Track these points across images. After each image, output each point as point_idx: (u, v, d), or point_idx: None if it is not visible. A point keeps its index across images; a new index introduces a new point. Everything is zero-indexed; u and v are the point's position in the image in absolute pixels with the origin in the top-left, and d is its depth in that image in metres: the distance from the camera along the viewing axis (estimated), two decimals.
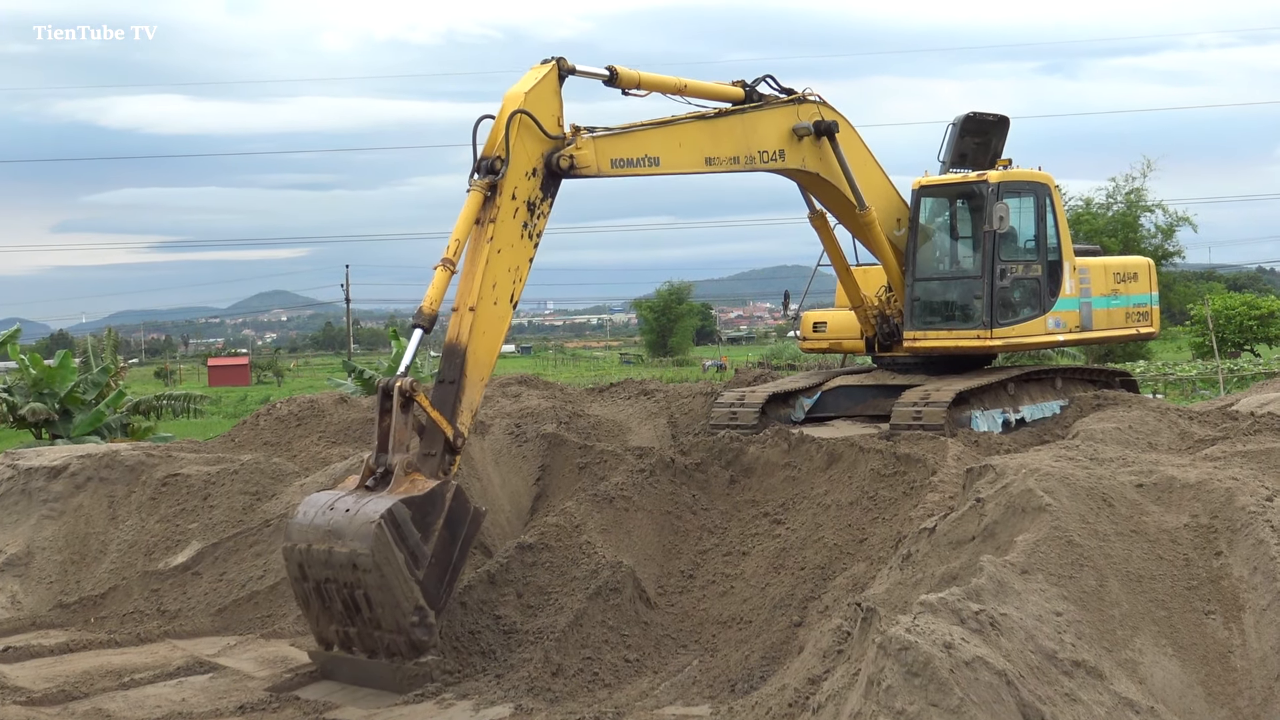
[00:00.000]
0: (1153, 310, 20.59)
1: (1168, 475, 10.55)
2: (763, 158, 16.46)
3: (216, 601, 15.57)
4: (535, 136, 13.66)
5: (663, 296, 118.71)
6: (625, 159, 14.70)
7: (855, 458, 14.55)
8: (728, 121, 16.07)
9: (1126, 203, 62.59)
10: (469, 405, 13.23)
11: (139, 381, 78.07)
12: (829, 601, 12.24)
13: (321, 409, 20.83)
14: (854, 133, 17.81)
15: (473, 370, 13.24)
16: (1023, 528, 9.66)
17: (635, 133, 14.96)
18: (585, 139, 14.17)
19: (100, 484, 17.40)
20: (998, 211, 17.61)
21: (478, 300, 13.27)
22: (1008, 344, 18.27)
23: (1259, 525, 9.65)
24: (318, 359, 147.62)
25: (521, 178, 13.58)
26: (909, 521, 12.60)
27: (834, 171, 17.31)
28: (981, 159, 19.29)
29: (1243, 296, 68.90)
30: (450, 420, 12.99)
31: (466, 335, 13.24)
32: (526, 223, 13.68)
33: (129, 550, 16.51)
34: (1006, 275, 18.00)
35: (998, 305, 17.93)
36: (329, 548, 12.25)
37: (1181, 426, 16.03)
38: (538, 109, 13.68)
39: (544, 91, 13.81)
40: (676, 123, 15.47)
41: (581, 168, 14.00)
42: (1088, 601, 9.06)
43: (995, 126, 19.60)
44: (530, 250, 13.80)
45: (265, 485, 17.19)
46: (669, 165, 15.26)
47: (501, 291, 13.53)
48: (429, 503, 12.36)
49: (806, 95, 17.01)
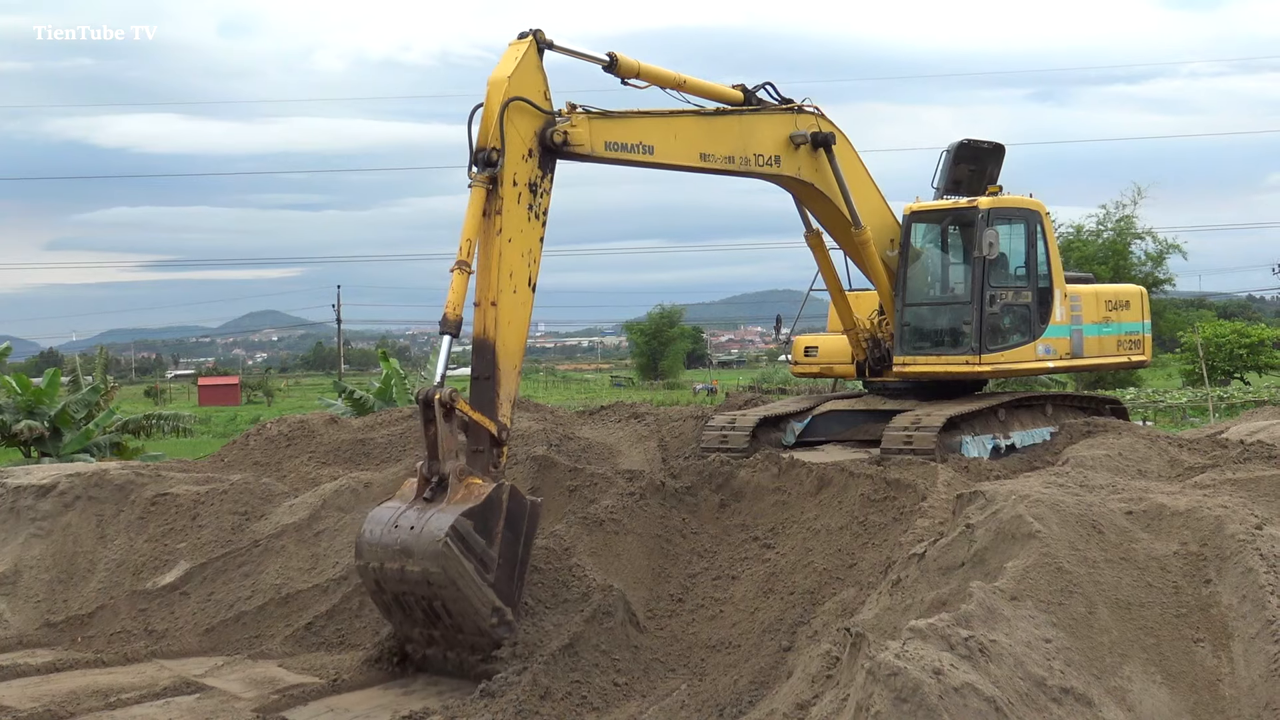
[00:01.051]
0: (1145, 338, 20.63)
1: (1157, 503, 10.56)
2: (758, 161, 16.42)
3: (204, 622, 15.52)
4: (527, 117, 13.60)
5: (654, 319, 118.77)
6: (620, 143, 14.64)
7: (845, 482, 14.55)
8: (725, 121, 16.05)
9: (1117, 230, 62.74)
10: (507, 396, 13.48)
11: (129, 400, 77.93)
12: (818, 626, 12.21)
13: (312, 429, 20.80)
14: (852, 150, 17.81)
15: (505, 361, 13.47)
16: (1012, 554, 9.67)
17: (633, 118, 14.92)
18: (581, 117, 14.14)
19: (89, 503, 17.35)
20: (987, 238, 17.64)
21: (498, 293, 13.41)
22: (996, 370, 18.26)
23: (1248, 553, 9.67)
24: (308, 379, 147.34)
25: (519, 162, 13.54)
26: (899, 547, 12.59)
27: (829, 185, 17.31)
28: (976, 186, 19.32)
29: (1233, 324, 69.10)
30: (492, 416, 13.28)
31: (493, 329, 13.42)
32: (531, 204, 13.71)
33: (117, 569, 16.46)
34: (996, 301, 18.02)
35: (987, 331, 17.93)
36: (401, 566, 12.65)
37: (1171, 454, 16.05)
38: (524, 89, 13.58)
39: (527, 70, 13.66)
40: (674, 114, 15.47)
41: (575, 145, 13.96)
42: (1077, 628, 9.06)
43: (990, 154, 19.64)
44: (539, 230, 13.85)
45: (254, 505, 17.15)
46: (663, 155, 15.22)
47: (519, 278, 13.64)
48: (488, 509, 12.70)
49: (805, 106, 17.05)
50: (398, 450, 19.48)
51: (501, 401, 13.39)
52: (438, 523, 12.48)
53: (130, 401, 77.43)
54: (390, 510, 13.10)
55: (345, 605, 15.16)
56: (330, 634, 14.93)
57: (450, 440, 12.98)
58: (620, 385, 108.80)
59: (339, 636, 14.88)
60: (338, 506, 16.69)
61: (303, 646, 14.76)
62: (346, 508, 16.64)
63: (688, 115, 15.64)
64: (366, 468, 18.74)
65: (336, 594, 15.34)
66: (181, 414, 40.28)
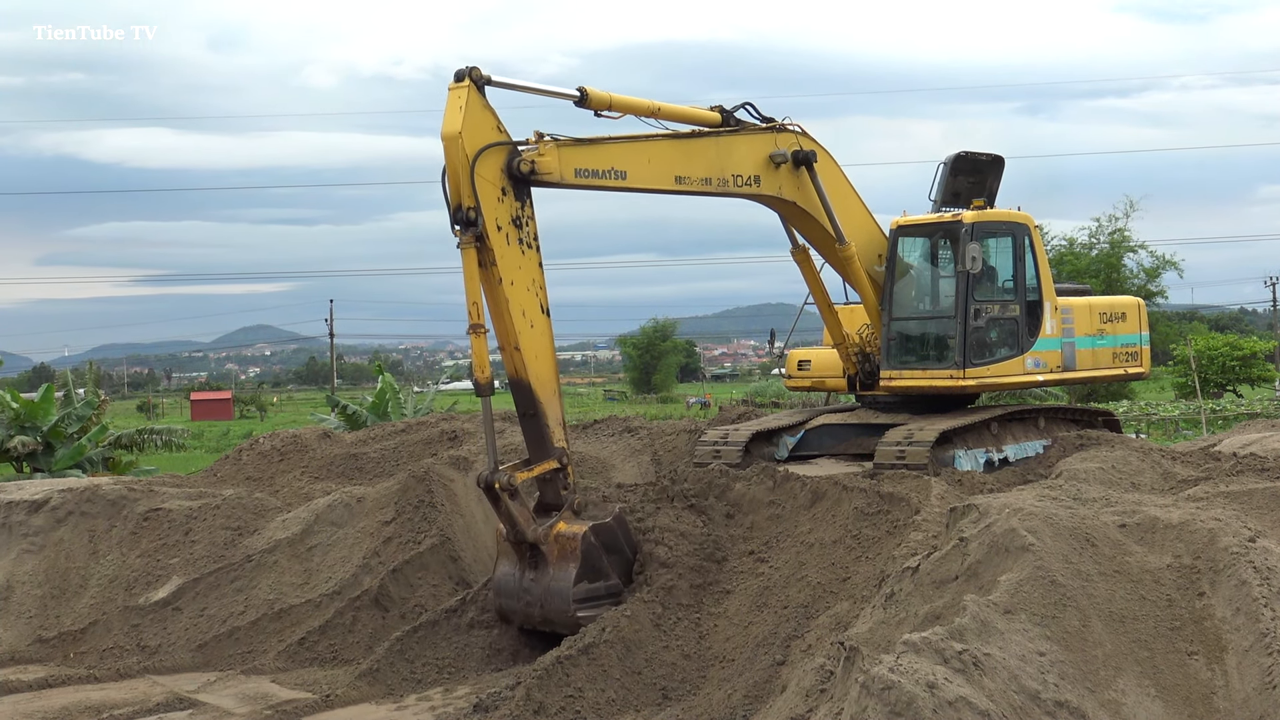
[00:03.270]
0: (1143, 350, 20.54)
1: (1151, 516, 10.56)
2: (736, 182, 16.36)
3: (197, 637, 15.49)
4: (490, 159, 13.62)
5: (647, 333, 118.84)
6: (590, 169, 14.62)
7: (839, 496, 14.54)
8: (701, 143, 15.96)
9: (1110, 243, 62.81)
10: (556, 422, 14.18)
11: (121, 415, 77.86)
12: (812, 640, 12.20)
13: (304, 444, 20.79)
14: (835, 166, 17.79)
15: (543, 392, 14.04)
16: (1006, 567, 9.66)
17: (603, 145, 14.87)
18: (549, 145, 14.15)
19: (81, 518, 17.32)
20: (970, 252, 17.59)
21: (517, 335, 13.78)
22: (981, 384, 18.19)
23: (1241, 566, 9.66)
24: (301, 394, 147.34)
25: (495, 205, 13.62)
26: (892, 560, 12.58)
27: (812, 202, 17.28)
28: (977, 197, 19.32)
29: (1225, 337, 69.22)
30: (547, 450, 14.07)
31: (523, 369, 13.89)
32: (520, 238, 13.85)
33: (109, 585, 16.43)
34: (981, 315, 17.96)
35: (971, 345, 17.87)
36: (542, 618, 14.15)
37: (1164, 467, 16.06)
38: (478, 137, 13.58)
39: (474, 115, 13.59)
40: (647, 139, 15.37)
41: (544, 173, 14.01)
42: (1071, 642, 9.05)
43: (990, 165, 19.59)
44: (536, 258, 14.04)
45: (247, 520, 17.13)
46: (636, 180, 15.17)
47: (532, 312, 13.96)
48: (592, 558, 13.94)
49: (786, 125, 17.02)
50: (390, 465, 19.47)
51: (552, 429, 14.09)
52: (560, 594, 13.86)
53: (123, 416, 77.37)
54: (509, 579, 14.31)
55: (338, 620, 15.14)
56: (323, 649, 14.92)
57: (523, 512, 13.89)
58: (613, 399, 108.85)
59: (332, 651, 14.87)
60: (330, 521, 16.67)
61: (295, 662, 14.74)
62: (339, 522, 16.63)
63: (662, 138, 15.52)
64: (359, 482, 18.72)
65: (329, 609, 15.32)
66: (174, 429, 40.22)
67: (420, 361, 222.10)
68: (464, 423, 21.35)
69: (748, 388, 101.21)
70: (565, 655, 12.59)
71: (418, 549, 15.77)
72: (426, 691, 13.52)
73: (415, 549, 15.78)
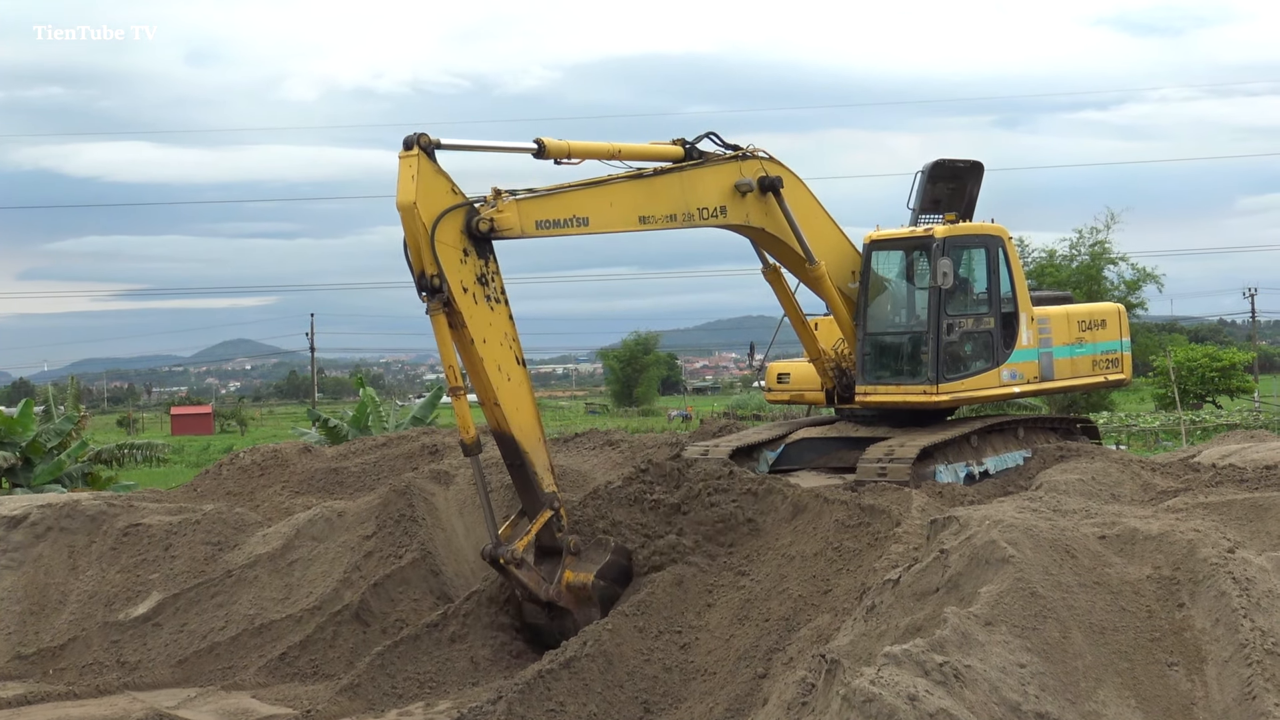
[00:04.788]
0: (1124, 357, 20.53)
1: (1130, 527, 10.60)
2: (703, 214, 16.32)
3: (177, 653, 15.43)
4: (448, 223, 13.59)
5: (629, 347, 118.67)
6: (552, 220, 14.58)
7: (820, 509, 14.54)
8: (664, 180, 15.90)
9: (1090, 255, 62.96)
10: (543, 469, 14.35)
11: (101, 430, 77.58)
12: (793, 653, 12.20)
13: (285, 458, 20.74)
14: (802, 187, 17.78)
15: (527, 442, 14.19)
16: (986, 579, 9.68)
17: (563, 194, 14.81)
18: (508, 202, 14.09)
19: (60, 534, 17.24)
20: (941, 267, 17.59)
21: (495, 391, 13.90)
22: (955, 398, 18.18)
23: (1221, 577, 9.70)
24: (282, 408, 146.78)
25: (459, 268, 13.66)
26: (873, 573, 12.60)
27: (781, 227, 17.27)
28: (957, 204, 19.33)
29: (1204, 348, 69.42)
30: (538, 499, 14.26)
31: (505, 422, 14.05)
32: (488, 295, 13.94)
33: (89, 601, 16.35)
34: (954, 329, 17.93)
35: (944, 360, 17.86)
36: None
37: (1144, 478, 16.10)
38: (433, 203, 13.52)
39: (426, 182, 13.52)
40: (608, 183, 15.28)
41: (504, 230, 13.99)
42: (1051, 653, 9.08)
43: (969, 172, 19.60)
44: (505, 310, 14.12)
45: (228, 535, 17.07)
46: (599, 225, 15.15)
47: (508, 366, 14.09)
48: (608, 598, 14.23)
49: (751, 151, 17.02)
50: (371, 479, 19.43)
51: (540, 475, 14.26)
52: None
53: (103, 431, 77.08)
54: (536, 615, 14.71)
55: (319, 635, 15.10)
56: (304, 664, 14.87)
57: (532, 576, 14.19)
58: (595, 412, 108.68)
59: (313, 667, 14.82)
60: (311, 536, 16.63)
61: (276, 677, 14.70)
62: (320, 537, 16.59)
63: (623, 180, 15.43)
64: (340, 496, 18.68)
65: (310, 624, 15.28)
66: (154, 443, 40.12)
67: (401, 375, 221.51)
68: (444, 436, 21.32)
69: (729, 400, 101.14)
70: (546, 669, 12.58)
71: (399, 563, 15.74)
72: (408, 706, 13.49)
73: (396, 563, 15.75)
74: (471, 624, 14.62)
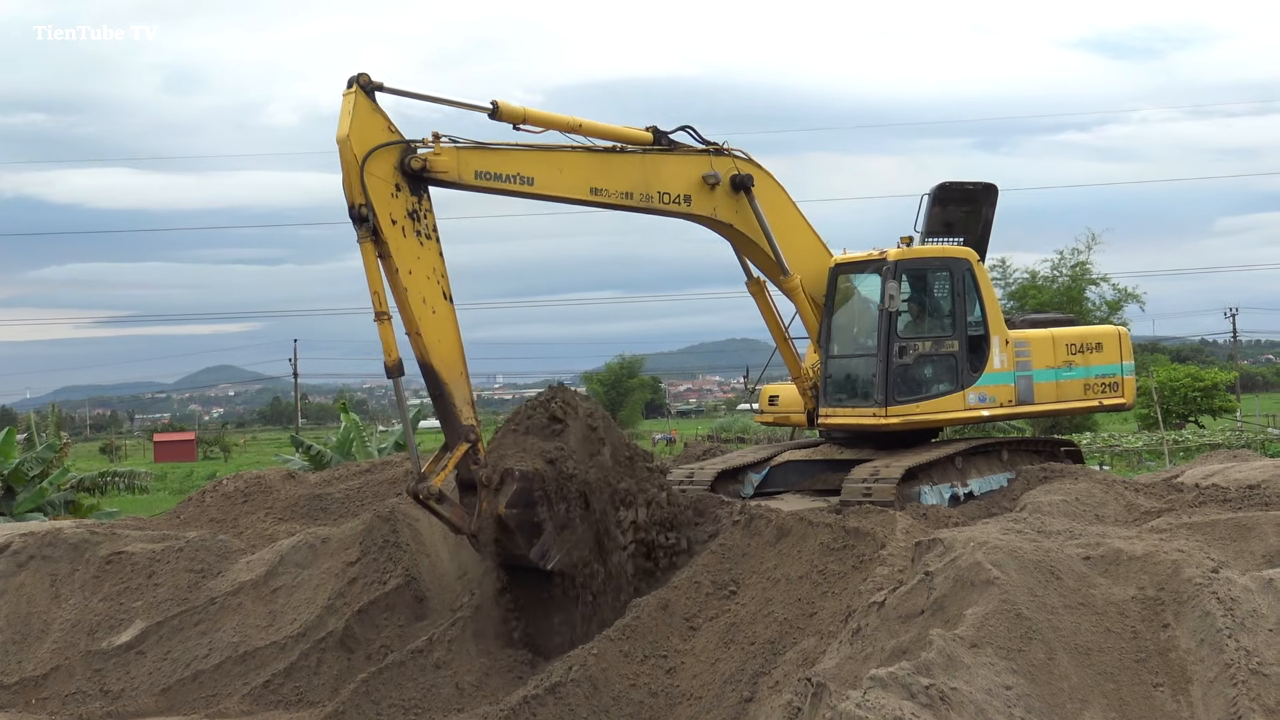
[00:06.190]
0: (1124, 380, 20.20)
1: (1115, 548, 10.61)
2: (663, 199, 16.52)
3: (161, 681, 15.37)
4: (382, 158, 14.19)
5: (613, 370, 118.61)
6: (492, 173, 15.03)
7: (804, 532, 14.54)
8: (624, 158, 16.16)
9: (1071, 276, 63.13)
10: (463, 401, 14.58)
11: (84, 458, 77.28)
12: (779, 676, 12.19)
13: (269, 485, 20.68)
14: (782, 194, 17.80)
15: (448, 375, 14.49)
16: (971, 601, 9.68)
17: (510, 150, 15.24)
18: (446, 146, 14.69)
19: (43, 562, 17.18)
20: (889, 290, 17.59)
21: (418, 320, 14.26)
22: (907, 422, 17.99)
23: (1205, 597, 9.72)
24: (265, 434, 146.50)
25: (389, 201, 14.19)
26: (858, 595, 12.59)
27: (751, 226, 17.34)
28: (973, 227, 19.34)
29: (1186, 369, 69.72)
30: (457, 432, 14.44)
31: (427, 353, 14.40)
32: (418, 230, 14.39)
33: (72, 629, 16.29)
34: (907, 353, 17.86)
35: (895, 383, 17.83)
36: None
37: (1128, 498, 16.12)
38: (367, 138, 14.13)
39: (362, 118, 14.16)
40: (561, 149, 15.68)
41: (439, 172, 14.55)
42: (1037, 675, 9.08)
43: (984, 194, 19.53)
44: (435, 248, 14.53)
45: (211, 563, 17.02)
46: (546, 187, 15.51)
47: (433, 299, 14.43)
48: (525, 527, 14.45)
49: (727, 149, 17.13)
50: (355, 505, 19.39)
51: (459, 408, 14.48)
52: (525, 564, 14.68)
53: (85, 459, 76.79)
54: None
55: (303, 663, 15.05)
56: (288, 692, 14.82)
57: (454, 510, 14.46)
58: None
59: (297, 694, 14.77)
60: (295, 562, 16.59)
61: (260, 705, 14.64)
62: (304, 563, 16.54)
63: (579, 150, 15.81)
64: (324, 523, 18.64)
65: (294, 651, 15.23)
66: (137, 471, 39.95)
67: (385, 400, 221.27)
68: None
69: (713, 424, 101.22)
70: (532, 694, 12.56)
71: (383, 589, 15.70)
72: None
73: (381, 589, 15.71)
74: (456, 650, 14.57)
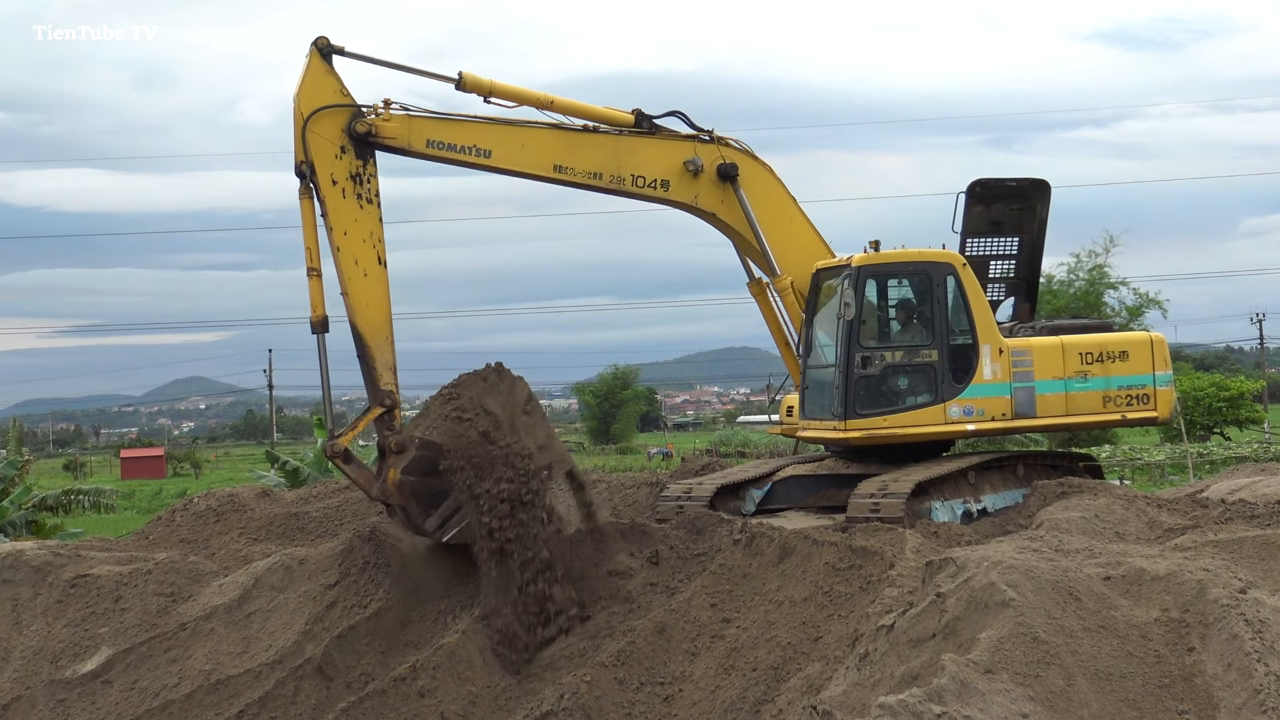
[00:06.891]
0: (1155, 392, 19.31)
1: (1136, 567, 10.61)
2: (637, 182, 16.88)
3: (128, 712, 15.34)
4: (329, 120, 15.07)
5: (606, 380, 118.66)
6: (446, 143, 15.74)
7: (809, 551, 14.53)
8: (594, 138, 16.50)
9: (1088, 280, 63.13)
10: (385, 366, 15.49)
11: (46, 475, 77.20)
12: (783, 704, 12.19)
13: (242, 503, 20.66)
14: (779, 190, 17.88)
15: (372, 337, 15.38)
16: (986, 624, 9.68)
17: (466, 121, 15.85)
18: (398, 114, 15.49)
19: (3, 586, 17.16)
20: (844, 298, 17.48)
21: (348, 281, 15.09)
22: (870, 436, 17.85)
23: (1233, 619, 9.71)
24: (238, 449, 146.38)
25: (332, 162, 15.05)
26: (866, 618, 12.58)
27: (737, 217, 17.45)
28: (1028, 226, 19.34)
29: (1211, 377, 69.75)
30: (376, 396, 15.48)
31: (353, 314, 15.30)
32: (359, 193, 15.16)
33: (34, 657, 16.26)
34: (871, 363, 17.72)
35: (854, 395, 17.72)
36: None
37: (1150, 515, 16.11)
38: (316, 98, 15.07)
39: (314, 79, 15.14)
40: (525, 124, 16.15)
41: (386, 138, 15.38)
42: (1055, 702, 9.07)
43: (1035, 190, 19.42)
44: (375, 212, 15.29)
45: (181, 586, 17.00)
46: (504, 161, 16.03)
47: (366, 261, 15.20)
48: (420, 496, 15.41)
49: (716, 136, 17.23)
50: (334, 524, 19.38)
51: (380, 372, 15.45)
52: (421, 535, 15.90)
53: (48, 476, 76.73)
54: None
55: (279, 691, 15.02)
56: None
57: (362, 474, 15.63)
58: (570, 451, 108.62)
59: None
60: (270, 585, 16.56)
61: None
62: (280, 586, 16.52)
63: (543, 126, 16.28)
64: (301, 543, 18.62)
65: (270, 679, 15.21)
66: (103, 489, 39.95)
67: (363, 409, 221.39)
68: None
69: (712, 436, 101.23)
70: None
71: (364, 613, 15.68)
72: None
73: (361, 613, 15.69)
74: (441, 677, 14.55)
